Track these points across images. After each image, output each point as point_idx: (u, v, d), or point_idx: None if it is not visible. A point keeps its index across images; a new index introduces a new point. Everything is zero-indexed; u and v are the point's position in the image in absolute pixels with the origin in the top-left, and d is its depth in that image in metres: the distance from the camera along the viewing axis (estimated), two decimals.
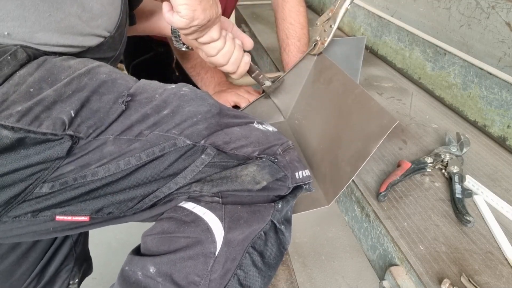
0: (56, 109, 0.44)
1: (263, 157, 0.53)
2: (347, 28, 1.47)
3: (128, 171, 0.47)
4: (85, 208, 0.48)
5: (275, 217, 0.53)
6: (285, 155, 0.55)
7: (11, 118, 0.42)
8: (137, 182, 0.48)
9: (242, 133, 0.54)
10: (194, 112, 0.50)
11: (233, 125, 0.54)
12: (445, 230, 0.59)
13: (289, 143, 0.58)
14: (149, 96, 0.51)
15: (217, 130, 0.51)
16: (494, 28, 0.82)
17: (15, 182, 0.44)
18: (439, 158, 0.71)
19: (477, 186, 0.66)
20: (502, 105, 0.79)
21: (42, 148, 0.44)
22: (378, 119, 0.61)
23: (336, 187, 0.66)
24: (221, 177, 0.50)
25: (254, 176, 0.51)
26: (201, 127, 0.50)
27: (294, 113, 0.90)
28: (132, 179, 0.48)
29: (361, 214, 0.67)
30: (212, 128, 0.51)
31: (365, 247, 0.67)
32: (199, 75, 0.94)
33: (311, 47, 0.84)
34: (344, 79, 0.74)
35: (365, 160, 0.60)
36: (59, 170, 0.45)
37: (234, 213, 0.51)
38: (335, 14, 0.77)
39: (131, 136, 0.47)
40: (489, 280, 0.51)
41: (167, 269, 0.46)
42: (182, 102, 0.51)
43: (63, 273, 0.72)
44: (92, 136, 0.46)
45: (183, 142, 0.48)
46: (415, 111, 0.93)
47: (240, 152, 0.52)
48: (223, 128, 0.52)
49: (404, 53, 1.12)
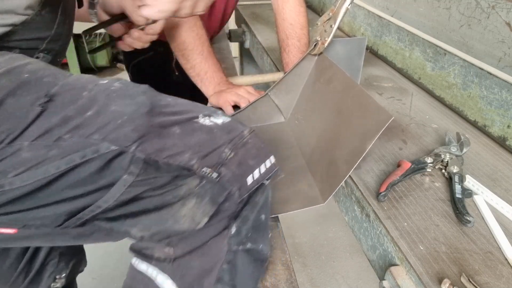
0: None
1: (203, 173, 0.46)
2: (347, 28, 1.47)
3: (46, 181, 0.42)
4: (12, 221, 0.44)
5: (232, 244, 0.49)
6: (234, 157, 0.49)
7: None
8: (60, 194, 0.44)
9: (180, 135, 0.47)
10: (119, 112, 0.44)
11: (171, 124, 0.47)
12: (445, 230, 0.59)
13: (243, 134, 0.51)
14: (74, 94, 0.45)
15: (150, 132, 0.45)
16: (494, 28, 0.82)
17: None
18: (439, 158, 0.71)
19: (477, 186, 0.66)
20: (502, 105, 0.79)
21: None
22: (375, 116, 0.61)
23: (332, 185, 0.66)
24: (156, 220, 0.46)
25: (193, 215, 0.46)
26: (127, 129, 0.43)
27: (294, 113, 0.90)
28: (53, 190, 0.43)
29: (361, 214, 0.67)
30: (142, 130, 0.44)
31: (365, 247, 0.67)
32: (199, 76, 0.94)
33: (312, 47, 0.84)
34: (343, 78, 0.74)
35: (361, 156, 0.60)
36: None
37: (184, 266, 0.50)
38: (336, 14, 0.77)
39: (49, 142, 0.42)
40: (489, 280, 0.51)
41: None
42: (109, 100, 0.45)
43: (49, 266, 0.72)
44: (5, 142, 0.41)
45: (107, 148, 0.42)
46: (415, 111, 0.93)
47: (175, 161, 0.45)
48: (157, 128, 0.46)
49: (404, 53, 1.12)
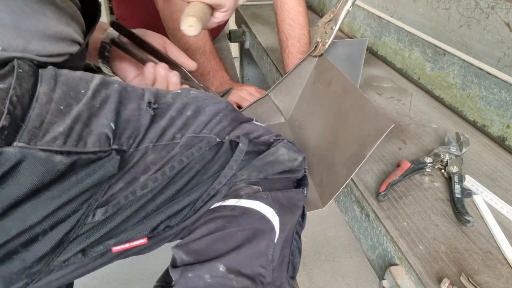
0: (94, 124, 0.41)
1: (279, 139, 0.54)
2: (346, 28, 1.47)
3: (171, 177, 0.45)
4: (141, 229, 0.45)
5: (304, 202, 0.55)
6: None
7: (57, 141, 0.38)
8: (186, 186, 0.47)
9: (252, 125, 0.55)
10: (215, 110, 0.51)
11: (244, 121, 0.56)
12: (445, 230, 0.59)
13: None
14: (165, 99, 0.50)
15: (236, 126, 0.52)
16: (493, 29, 0.82)
17: (68, 216, 0.40)
18: (439, 158, 0.72)
19: (477, 186, 0.66)
20: (502, 105, 0.79)
21: (93, 168, 0.40)
22: (374, 123, 0.61)
23: (331, 190, 0.66)
24: (264, 162, 0.51)
25: (288, 155, 0.52)
26: (225, 124, 0.50)
27: (294, 114, 0.90)
28: (178, 185, 0.46)
29: (360, 214, 0.67)
30: (233, 124, 0.52)
31: (365, 247, 0.67)
32: (202, 76, 0.95)
33: (312, 48, 0.85)
34: (343, 81, 0.74)
35: (360, 163, 0.60)
36: (110, 191, 0.42)
37: (278, 199, 0.50)
38: (337, 16, 0.77)
39: (166, 141, 0.46)
40: (488, 280, 0.51)
41: (235, 265, 0.44)
42: (199, 102, 0.51)
43: None
44: (133, 147, 0.43)
45: (214, 140, 0.48)
46: (415, 111, 0.93)
47: (260, 140, 0.53)
48: (239, 122, 0.54)
49: (403, 54, 1.12)
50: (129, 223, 0.44)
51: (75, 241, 0.41)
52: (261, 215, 0.47)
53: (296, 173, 0.56)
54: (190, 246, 0.46)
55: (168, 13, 0.88)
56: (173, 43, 0.93)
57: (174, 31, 0.90)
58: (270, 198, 0.50)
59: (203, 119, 0.49)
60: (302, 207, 0.55)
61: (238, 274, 0.44)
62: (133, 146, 0.43)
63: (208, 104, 0.51)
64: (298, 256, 0.53)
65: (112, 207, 0.42)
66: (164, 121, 0.47)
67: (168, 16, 0.89)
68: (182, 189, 0.47)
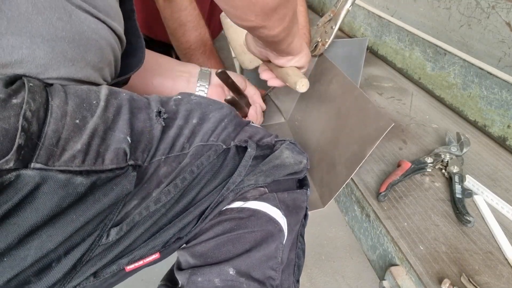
0: (110, 139, 0.39)
1: (281, 140, 0.54)
2: (347, 28, 1.47)
3: (183, 188, 0.44)
4: (154, 244, 0.43)
5: (307, 203, 0.55)
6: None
7: (76, 160, 0.35)
8: (197, 196, 0.46)
9: (251, 128, 0.55)
10: (220, 117, 0.50)
11: (245, 124, 0.56)
12: (445, 230, 0.59)
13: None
14: (168, 106, 0.49)
15: (239, 130, 0.52)
16: (494, 28, 0.82)
17: (83, 239, 0.37)
18: (439, 158, 0.71)
19: (477, 186, 0.66)
20: (502, 105, 0.79)
21: (110, 187, 0.37)
22: (374, 122, 0.61)
23: (331, 189, 0.66)
24: (271, 166, 0.50)
25: (293, 157, 0.52)
26: (230, 130, 0.50)
27: (294, 114, 0.90)
28: (190, 196, 0.45)
29: (361, 214, 0.67)
30: (237, 129, 0.52)
31: (365, 247, 0.67)
32: None
33: (312, 48, 0.84)
34: (343, 81, 0.74)
35: (360, 163, 0.60)
36: (125, 209, 0.40)
37: (284, 201, 0.50)
38: (337, 15, 0.77)
39: (177, 152, 0.45)
40: (489, 280, 0.51)
41: (245, 268, 0.43)
42: (203, 109, 0.51)
43: None
44: (147, 160, 0.41)
45: (221, 147, 0.48)
46: (415, 111, 0.93)
47: (263, 143, 0.53)
48: (242, 127, 0.54)
49: (404, 53, 1.12)
50: (142, 239, 0.42)
51: (88, 264, 0.39)
52: (269, 216, 0.47)
53: (299, 174, 0.56)
54: (196, 248, 0.45)
55: (168, 13, 0.88)
56: (173, 42, 0.93)
57: (174, 30, 0.90)
58: (277, 199, 0.49)
59: (209, 126, 0.49)
60: (305, 208, 0.55)
61: (248, 278, 0.43)
62: (147, 160, 0.41)
63: (212, 110, 0.51)
64: (302, 258, 0.53)
65: (126, 225, 0.40)
66: (173, 131, 0.45)
67: (169, 16, 0.89)
68: (194, 200, 0.46)
